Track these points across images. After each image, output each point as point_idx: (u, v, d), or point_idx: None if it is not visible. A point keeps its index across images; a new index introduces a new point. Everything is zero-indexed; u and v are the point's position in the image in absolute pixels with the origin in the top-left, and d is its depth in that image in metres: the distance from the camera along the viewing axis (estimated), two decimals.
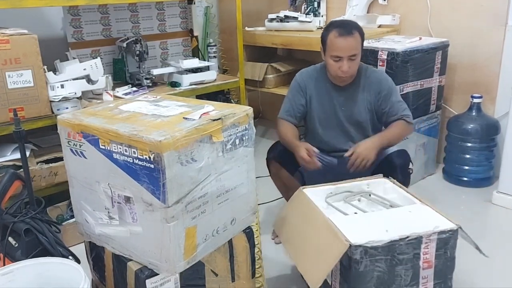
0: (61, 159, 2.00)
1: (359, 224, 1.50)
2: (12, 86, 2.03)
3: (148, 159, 1.20)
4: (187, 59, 2.94)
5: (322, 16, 3.23)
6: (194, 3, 3.31)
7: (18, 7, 2.10)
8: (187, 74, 2.78)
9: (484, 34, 2.64)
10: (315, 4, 3.26)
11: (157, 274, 1.31)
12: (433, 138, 2.81)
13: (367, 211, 1.65)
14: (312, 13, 3.24)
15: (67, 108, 2.21)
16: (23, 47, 2.03)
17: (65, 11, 2.75)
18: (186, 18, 3.30)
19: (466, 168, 2.67)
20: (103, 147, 1.29)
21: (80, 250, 1.61)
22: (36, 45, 2.06)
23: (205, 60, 3.19)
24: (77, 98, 2.26)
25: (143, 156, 1.21)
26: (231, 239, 1.48)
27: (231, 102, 3.13)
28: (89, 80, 2.35)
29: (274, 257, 2.03)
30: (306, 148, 1.89)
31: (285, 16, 3.12)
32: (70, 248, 1.52)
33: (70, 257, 1.45)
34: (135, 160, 1.23)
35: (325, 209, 1.63)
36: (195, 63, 2.82)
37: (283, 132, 2.03)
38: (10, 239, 1.47)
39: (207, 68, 2.88)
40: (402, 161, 1.93)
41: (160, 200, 1.22)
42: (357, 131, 2.07)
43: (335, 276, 1.48)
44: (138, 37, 2.82)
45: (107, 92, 2.46)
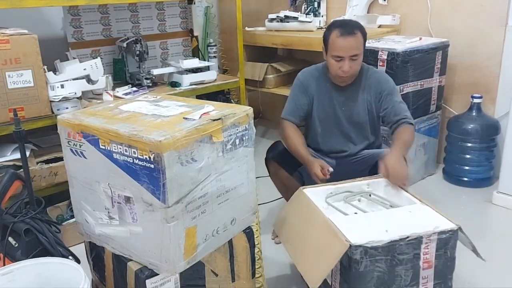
0: (61, 159, 2.01)
1: (359, 224, 1.50)
2: (12, 86, 2.03)
3: (148, 159, 1.20)
4: (187, 59, 2.94)
5: (322, 16, 3.24)
6: (194, 3, 3.31)
7: (18, 7, 2.10)
8: (187, 74, 2.78)
9: (484, 34, 2.64)
10: (315, 4, 3.27)
11: (157, 274, 1.31)
12: (433, 138, 2.81)
13: (367, 211, 1.65)
14: (312, 13, 3.24)
15: (67, 108, 2.21)
16: (23, 47, 2.03)
17: (65, 11, 2.75)
18: (186, 18, 3.30)
19: (466, 168, 2.67)
20: (103, 147, 1.29)
21: (80, 250, 1.61)
22: (36, 45, 2.06)
23: (205, 60, 3.19)
24: (77, 98, 2.26)
25: (143, 156, 1.21)
26: (231, 239, 1.48)
27: (231, 102, 3.13)
28: (89, 80, 2.35)
29: (274, 257, 2.03)
30: (321, 165, 1.87)
31: (285, 16, 3.12)
32: (70, 248, 1.51)
33: (70, 257, 1.45)
34: (135, 160, 1.23)
35: (325, 209, 1.63)
36: (195, 63, 2.82)
37: (290, 138, 2.00)
38: (10, 239, 1.47)
39: (207, 68, 2.88)
40: None
41: (160, 200, 1.22)
42: (356, 131, 2.06)
43: (335, 276, 1.48)
44: (138, 37, 2.82)
45: (107, 92, 2.46)
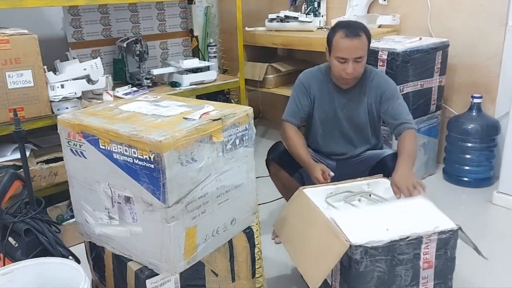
0: (61, 159, 2.00)
1: (359, 221, 1.49)
2: (12, 86, 2.03)
3: (148, 159, 1.20)
4: (187, 59, 2.94)
5: (322, 16, 3.24)
6: (194, 3, 3.31)
7: (18, 7, 2.10)
8: (187, 74, 2.78)
9: (484, 34, 2.64)
10: (315, 4, 3.26)
11: (157, 274, 1.31)
12: (433, 138, 2.81)
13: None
14: (312, 13, 3.24)
15: (67, 108, 2.21)
16: (23, 47, 2.03)
17: (65, 11, 2.75)
18: (186, 18, 3.30)
19: (466, 168, 2.66)
20: (103, 147, 1.29)
21: (80, 250, 1.61)
22: (36, 45, 2.06)
23: (205, 60, 3.18)
24: (77, 98, 2.26)
25: (143, 156, 1.21)
26: (231, 239, 1.48)
27: (231, 102, 3.12)
28: (89, 80, 2.35)
29: (274, 257, 2.03)
30: (322, 169, 1.87)
31: (285, 16, 3.12)
32: (70, 248, 1.51)
33: (70, 257, 1.45)
34: (135, 160, 1.23)
35: (325, 209, 1.63)
36: (195, 63, 2.82)
37: (291, 140, 1.99)
38: (10, 239, 1.47)
39: (207, 68, 2.88)
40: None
41: (160, 200, 1.22)
42: (357, 134, 2.06)
43: (335, 276, 1.48)
44: (138, 37, 2.82)
45: (107, 92, 2.46)
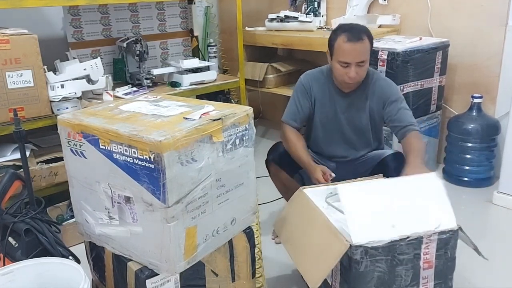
0: (61, 159, 2.00)
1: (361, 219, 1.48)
2: (12, 86, 2.03)
3: (148, 159, 1.20)
4: (187, 59, 2.94)
5: (322, 16, 3.24)
6: (194, 3, 3.31)
7: (18, 7, 2.10)
8: (187, 74, 2.78)
9: (484, 34, 2.64)
10: (315, 4, 3.26)
11: (157, 274, 1.31)
12: (434, 138, 2.81)
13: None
14: (312, 13, 3.24)
15: (67, 108, 2.21)
16: (23, 47, 2.03)
17: (65, 11, 2.75)
18: (186, 18, 3.30)
19: (467, 168, 2.66)
20: (103, 147, 1.29)
21: (80, 250, 1.60)
22: (36, 45, 2.06)
23: (205, 60, 3.18)
24: (77, 98, 2.26)
25: (143, 156, 1.21)
26: (231, 239, 1.48)
27: (231, 102, 3.12)
28: (89, 80, 2.35)
29: (274, 257, 2.03)
30: (323, 170, 1.87)
31: (285, 16, 3.12)
32: (70, 248, 1.51)
33: (70, 257, 1.45)
34: (135, 160, 1.23)
35: (325, 209, 1.62)
36: (195, 63, 2.82)
37: (291, 142, 1.99)
38: (10, 239, 1.47)
39: (207, 68, 2.88)
40: (397, 165, 1.88)
41: (160, 200, 1.21)
42: (358, 137, 2.05)
43: (335, 276, 1.48)
44: (138, 37, 2.82)
45: (107, 92, 2.46)
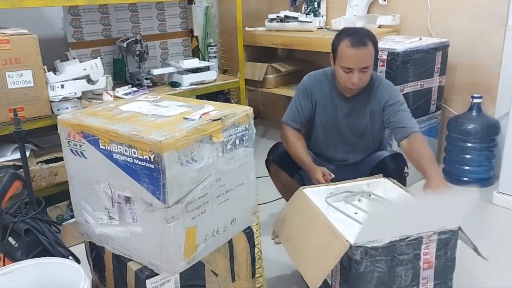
0: (61, 159, 2.00)
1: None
2: (12, 86, 2.03)
3: (148, 159, 1.20)
4: (187, 59, 2.94)
5: (322, 16, 3.24)
6: (194, 3, 3.31)
7: (18, 7, 2.10)
8: (187, 74, 2.78)
9: (484, 34, 2.64)
10: (315, 4, 3.26)
11: (157, 274, 1.31)
12: (433, 138, 2.81)
13: (367, 211, 1.64)
14: (312, 13, 3.24)
15: (67, 108, 2.21)
16: (23, 47, 2.03)
17: (65, 11, 2.75)
18: (186, 18, 3.30)
19: (466, 168, 2.66)
20: (103, 147, 1.29)
21: (80, 250, 1.60)
22: (36, 45, 2.06)
23: (205, 60, 3.18)
24: (77, 98, 2.26)
25: (143, 156, 1.21)
26: (231, 239, 1.48)
27: (231, 102, 3.12)
28: (89, 80, 2.35)
29: (274, 257, 2.02)
30: (323, 172, 1.87)
31: (285, 16, 3.12)
32: (70, 248, 1.51)
33: (70, 257, 1.45)
34: (135, 160, 1.23)
35: (325, 209, 1.63)
36: (195, 63, 2.82)
37: (291, 143, 1.99)
38: (10, 239, 1.47)
39: (207, 68, 2.88)
40: (397, 165, 1.89)
41: (160, 200, 1.22)
42: (359, 142, 2.04)
43: (335, 276, 1.48)
44: (138, 37, 2.82)
45: (107, 92, 2.46)
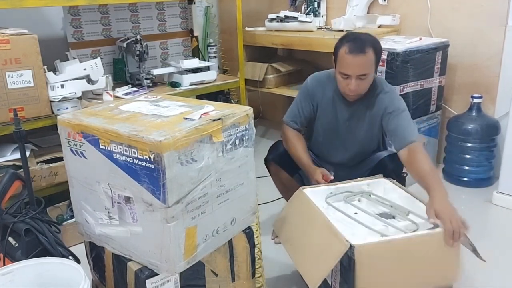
0: (61, 159, 2.00)
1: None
2: (12, 86, 2.03)
3: (148, 159, 1.20)
4: (187, 59, 2.94)
5: (322, 16, 3.23)
6: (194, 3, 3.31)
7: (18, 7, 2.10)
8: (187, 74, 2.78)
9: (484, 34, 2.64)
10: (315, 4, 3.26)
11: (157, 274, 1.31)
12: (433, 138, 2.81)
13: (367, 211, 1.64)
14: (312, 13, 3.24)
15: (67, 108, 2.21)
16: (23, 47, 2.03)
17: (65, 11, 2.75)
18: (186, 18, 3.30)
19: (466, 168, 2.67)
20: (103, 147, 1.29)
21: (80, 250, 1.60)
22: (36, 45, 2.06)
23: (205, 60, 3.19)
24: (77, 98, 2.26)
25: (143, 156, 1.21)
26: (231, 239, 1.48)
27: (231, 102, 3.12)
28: (89, 80, 2.35)
29: (274, 257, 2.03)
30: (322, 173, 1.86)
31: (285, 16, 3.12)
32: (70, 248, 1.51)
33: (70, 257, 1.45)
34: (135, 160, 1.23)
35: (325, 209, 1.63)
36: (195, 63, 2.82)
37: (291, 143, 1.99)
38: (10, 239, 1.47)
39: (207, 68, 2.88)
40: (395, 166, 1.88)
41: (160, 200, 1.22)
42: (358, 148, 2.03)
43: (335, 276, 1.48)
44: (138, 37, 2.82)
45: (107, 92, 2.46)
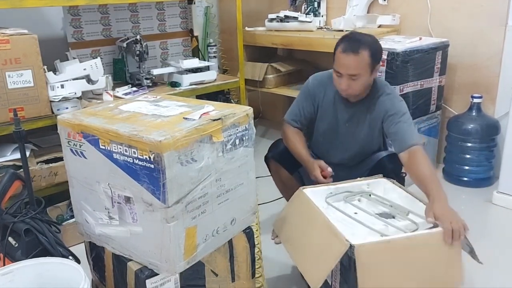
0: (61, 159, 2.01)
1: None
2: (12, 86, 2.03)
3: (148, 159, 1.20)
4: (187, 59, 2.94)
5: (322, 16, 3.23)
6: (194, 3, 3.31)
7: (18, 7, 2.10)
8: (187, 74, 2.78)
9: (484, 34, 2.64)
10: (315, 4, 3.26)
11: (157, 274, 1.31)
12: (433, 138, 2.81)
13: (367, 211, 1.64)
14: (312, 13, 3.24)
15: (67, 108, 2.21)
16: (23, 47, 2.03)
17: (65, 11, 2.75)
18: (186, 18, 3.30)
19: (466, 168, 2.67)
20: (103, 147, 1.29)
21: (80, 250, 1.61)
22: (36, 45, 2.06)
23: (205, 60, 3.18)
24: (77, 98, 2.26)
25: (143, 156, 1.21)
26: (231, 239, 1.48)
27: (231, 102, 3.13)
28: (89, 80, 2.35)
29: (274, 257, 2.03)
30: (320, 166, 1.87)
31: (285, 16, 3.12)
32: (70, 248, 1.51)
33: (70, 257, 1.45)
34: (135, 160, 1.23)
35: (325, 209, 1.63)
36: (195, 63, 2.82)
37: (290, 140, 1.99)
38: (10, 239, 1.47)
39: (207, 68, 2.88)
40: (394, 166, 1.88)
41: (160, 200, 1.22)
42: (358, 149, 2.03)
43: (335, 276, 1.48)
44: (138, 37, 2.81)
45: (107, 92, 2.46)
